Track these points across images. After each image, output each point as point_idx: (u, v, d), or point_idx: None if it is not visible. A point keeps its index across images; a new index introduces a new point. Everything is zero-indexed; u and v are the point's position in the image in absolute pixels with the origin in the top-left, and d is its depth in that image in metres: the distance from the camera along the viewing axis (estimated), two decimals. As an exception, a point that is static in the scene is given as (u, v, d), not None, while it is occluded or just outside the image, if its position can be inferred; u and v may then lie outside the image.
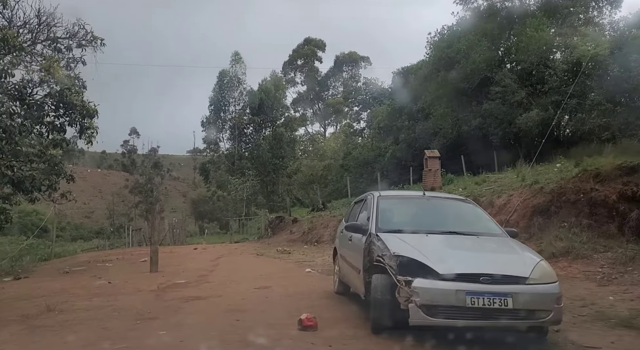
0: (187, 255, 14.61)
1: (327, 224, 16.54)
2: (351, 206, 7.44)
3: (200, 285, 8.41)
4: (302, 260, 12.02)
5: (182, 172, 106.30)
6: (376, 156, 36.44)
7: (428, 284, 4.24)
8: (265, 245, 17.38)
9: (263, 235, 21.68)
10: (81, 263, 13.05)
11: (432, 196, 6.33)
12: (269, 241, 19.11)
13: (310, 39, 54.34)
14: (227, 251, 15.75)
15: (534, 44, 20.13)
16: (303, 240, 16.76)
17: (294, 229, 18.94)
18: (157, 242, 10.31)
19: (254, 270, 10.36)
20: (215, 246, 19.25)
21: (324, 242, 15.59)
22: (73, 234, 70.34)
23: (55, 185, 10.79)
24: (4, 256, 25.62)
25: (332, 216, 17.31)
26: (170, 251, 15.84)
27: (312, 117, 55.86)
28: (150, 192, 65.64)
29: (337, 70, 55.31)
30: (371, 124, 39.18)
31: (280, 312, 5.82)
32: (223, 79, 38.17)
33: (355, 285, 5.76)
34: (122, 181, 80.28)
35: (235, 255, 14.40)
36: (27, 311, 5.90)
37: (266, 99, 38.11)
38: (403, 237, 5.01)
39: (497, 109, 21.16)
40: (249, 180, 34.43)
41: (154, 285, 8.06)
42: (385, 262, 4.71)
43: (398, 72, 32.76)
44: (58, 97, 10.51)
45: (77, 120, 10.74)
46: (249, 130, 39.18)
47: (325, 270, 10.09)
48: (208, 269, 10.81)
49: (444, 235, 5.13)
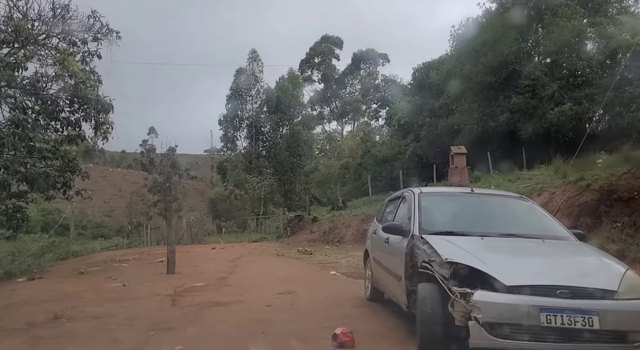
0: (205, 256, 14.10)
1: (349, 224, 15.86)
2: (384, 205, 6.74)
3: (220, 288, 7.82)
4: (325, 262, 11.36)
5: (200, 172, 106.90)
6: (395, 154, 35.59)
7: (492, 298, 3.53)
8: (285, 245, 16.78)
9: (282, 234, 21.11)
10: (97, 263, 12.65)
11: (482, 193, 5.58)
12: (288, 241, 18.51)
13: (327, 37, 53.68)
14: (246, 251, 15.20)
15: (566, 34, 19.06)
16: (324, 240, 16.11)
17: (314, 228, 18.31)
18: (174, 241, 9.78)
19: (276, 273, 9.75)
20: (233, 245, 18.74)
21: (346, 242, 14.92)
22: (94, 232, 71.25)
23: (70, 182, 10.36)
24: (21, 256, 25.68)
25: (353, 215, 16.62)
26: (187, 251, 15.37)
27: (329, 116, 55.23)
28: (169, 191, 66.01)
29: (354, 67, 54.47)
30: (390, 122, 38.31)
31: (310, 323, 5.17)
32: (240, 77, 37.75)
33: (394, 294, 5.08)
34: (141, 180, 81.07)
35: (255, 255, 13.83)
36: (34, 318, 5.39)
37: (283, 97, 37.55)
38: (454, 240, 4.31)
39: (526, 103, 20.17)
40: (266, 178, 33.92)
41: (170, 289, 7.51)
42: (435, 270, 4.02)
43: (418, 68, 31.82)
44: (72, 91, 10.07)
45: (91, 115, 10.29)
46: (266, 128, 38.68)
47: (352, 273, 9.42)
48: (227, 270, 10.25)
49: (502, 238, 4.39)
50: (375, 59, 54.32)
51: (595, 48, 20.14)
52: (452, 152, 17.57)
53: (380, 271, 5.76)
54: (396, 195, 6.29)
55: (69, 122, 10.45)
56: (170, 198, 57.38)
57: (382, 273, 5.66)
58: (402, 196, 5.75)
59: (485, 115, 21.87)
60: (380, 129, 41.56)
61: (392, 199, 6.38)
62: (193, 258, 13.33)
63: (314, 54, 52.86)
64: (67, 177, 10.33)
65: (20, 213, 11.92)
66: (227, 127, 37.86)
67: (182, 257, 13.37)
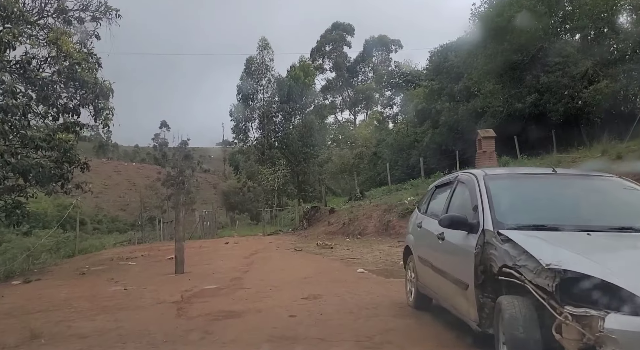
0: (218, 251, 13.08)
1: (370, 215, 14.69)
2: (429, 192, 5.54)
3: (234, 292, 6.75)
4: (348, 258, 10.24)
5: (213, 165, 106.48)
6: (412, 142, 34.22)
7: (636, 324, 2.35)
8: (302, 239, 15.69)
9: (297, 226, 20.03)
10: (103, 261, 11.72)
11: (568, 173, 4.36)
12: (305, 233, 17.42)
13: (338, 24, 52.12)
14: (261, 245, 14.15)
15: (600, 6, 17.45)
16: (344, 233, 14.98)
17: (332, 219, 17.17)
18: (183, 238, 8.73)
19: (296, 271, 8.66)
20: (247, 239, 17.73)
21: (368, 234, 13.76)
22: (110, 227, 71.31)
23: (68, 174, 9.34)
24: (35, 251, 25.00)
25: (374, 205, 15.43)
26: (199, 246, 14.39)
27: (341, 105, 53.86)
28: (182, 184, 65.75)
29: (366, 55, 52.92)
30: (405, 109, 36.87)
31: (347, 342, 4.05)
32: (250, 66, 36.57)
33: (456, 305, 3.91)
34: (155, 174, 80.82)
35: (271, 250, 12.76)
36: (4, 338, 4.35)
37: (295, 85, 36.31)
38: (549, 237, 3.12)
39: (556, 82, 18.64)
40: (279, 169, 32.84)
41: (176, 294, 6.45)
42: (526, 278, 2.85)
43: (436, 51, 30.24)
44: (67, 74, 9.00)
45: (89, 99, 9.23)
46: (278, 118, 37.51)
47: (381, 271, 8.29)
48: (242, 268, 9.19)
49: (616, 234, 3.19)
50: (387, 46, 52.69)
51: (631, 20, 18.50)
52: (479, 135, 16.21)
53: (430, 274, 4.60)
54: (446, 179, 5.09)
55: (65, 109, 9.40)
56: (183, 191, 56.91)
57: (433, 277, 4.50)
58: (457, 180, 4.54)
59: (511, 96, 20.37)
60: (395, 117, 40.06)
61: (441, 184, 5.18)
62: (205, 254, 12.33)
63: (325, 42, 51.41)
64: (65, 169, 9.32)
65: (20, 209, 10.99)
66: (238, 118, 36.80)
67: (193, 253, 12.38)
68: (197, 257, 11.12)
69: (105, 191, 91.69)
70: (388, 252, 10.41)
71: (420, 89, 30.62)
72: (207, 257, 11.51)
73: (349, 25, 51.94)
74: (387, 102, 41.27)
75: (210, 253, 12.48)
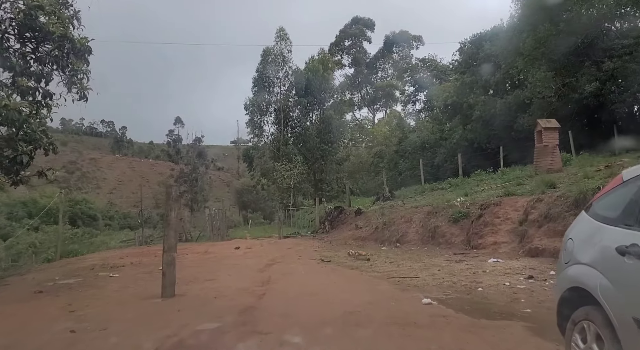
0: (227, 259, 10.42)
1: (409, 218, 11.89)
2: (628, 190, 2.80)
3: (243, 340, 4.08)
4: (396, 276, 7.49)
5: (227, 163, 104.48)
6: (437, 140, 31.35)
7: None
8: (327, 245, 12.97)
9: (318, 229, 17.33)
10: (81, 270, 9.13)
11: None
12: (328, 238, 14.71)
13: (358, 19, 49.39)
14: (279, 253, 11.47)
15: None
16: (377, 239, 12.23)
17: (360, 222, 14.40)
18: (174, 247, 6.07)
19: (333, 297, 5.96)
20: (262, 243, 15.09)
21: (409, 242, 10.98)
22: (122, 223, 69.59)
23: (22, 158, 6.72)
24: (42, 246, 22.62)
25: (413, 207, 12.62)
26: (205, 251, 11.78)
27: (359, 102, 51.05)
28: (195, 181, 63.75)
29: (386, 51, 50.05)
30: (431, 105, 33.92)
31: None
32: (267, 58, 33.94)
33: None
34: (168, 171, 78.91)
35: (291, 260, 10.07)
36: None
37: (314, 79, 33.58)
38: None
39: (623, 68, 15.66)
40: (296, 166, 30.16)
41: (149, 345, 3.79)
42: None
43: (469, 41, 27.30)
44: (23, 19, 6.42)
45: (53, 55, 6.65)
46: (295, 113, 34.78)
47: (457, 303, 5.55)
48: (256, 290, 6.52)
49: None
50: (408, 42, 49.77)
51: None
52: (538, 126, 13.31)
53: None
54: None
55: (24, 69, 6.82)
56: (197, 188, 54.57)
57: None
58: None
59: (565, 85, 17.42)
60: (417, 114, 37.10)
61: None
62: (210, 263, 9.70)
63: (344, 37, 48.70)
64: (20, 150, 6.75)
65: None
66: (253, 112, 34.14)
67: (195, 261, 9.75)
68: (198, 268, 8.50)
69: (119, 187, 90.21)
70: (449, 269, 7.65)
71: (450, 83, 27.67)
72: (211, 267, 8.87)
73: (369, 20, 49.21)
74: (410, 98, 38.30)
75: (217, 262, 9.83)
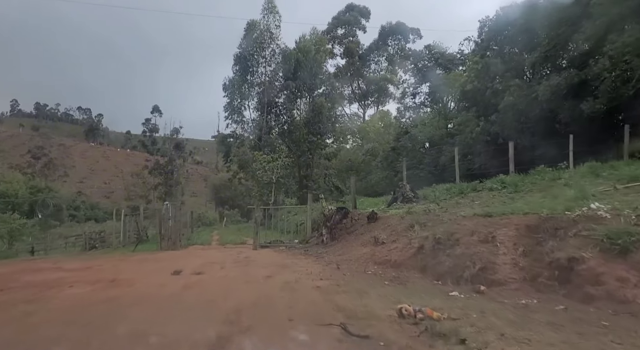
0: (125, 318, 4.83)
1: (489, 235, 6.35)
2: None
3: None
4: None
5: (206, 157, 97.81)
6: (443, 136, 26.40)
7: None
8: (333, 271, 7.40)
9: (308, 238, 11.92)
10: None
11: None
12: (330, 256, 9.29)
13: (353, 5, 44.26)
14: (248, 292, 5.90)
15: None
16: (425, 270, 6.66)
17: (381, 234, 8.86)
18: None
19: None
20: (225, 260, 9.49)
21: (503, 283, 5.54)
22: (87, 214, 62.34)
23: None
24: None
25: (500, 217, 7.10)
26: (112, 280, 6.12)
27: (350, 96, 45.81)
28: (171, 173, 57.20)
29: (381, 43, 45.04)
30: (435, 97, 29.00)
31: None
32: (252, 32, 28.36)
33: None
34: (144, 162, 72.09)
35: (276, 325, 4.55)
36: None
37: (304, 60, 28.25)
38: None
39: None
40: (280, 157, 24.62)
41: None
42: None
43: (490, 19, 22.39)
44: None
45: None
46: (280, 99, 29.30)
47: None
48: None
49: None
50: (405, 34, 44.89)
51: None
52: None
53: None
54: None
55: None
56: (172, 182, 48.13)
57: None
58: None
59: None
60: (418, 108, 32.09)
61: None
62: (87, 323, 4.07)
63: (338, 24, 43.42)
64: None
65: None
66: (233, 94, 28.48)
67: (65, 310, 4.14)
68: None
69: (90, 176, 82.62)
70: None
71: (469, 67, 22.60)
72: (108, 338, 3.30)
73: (365, 7, 44.11)
74: (410, 91, 33.28)
75: (100, 324, 4.25)
